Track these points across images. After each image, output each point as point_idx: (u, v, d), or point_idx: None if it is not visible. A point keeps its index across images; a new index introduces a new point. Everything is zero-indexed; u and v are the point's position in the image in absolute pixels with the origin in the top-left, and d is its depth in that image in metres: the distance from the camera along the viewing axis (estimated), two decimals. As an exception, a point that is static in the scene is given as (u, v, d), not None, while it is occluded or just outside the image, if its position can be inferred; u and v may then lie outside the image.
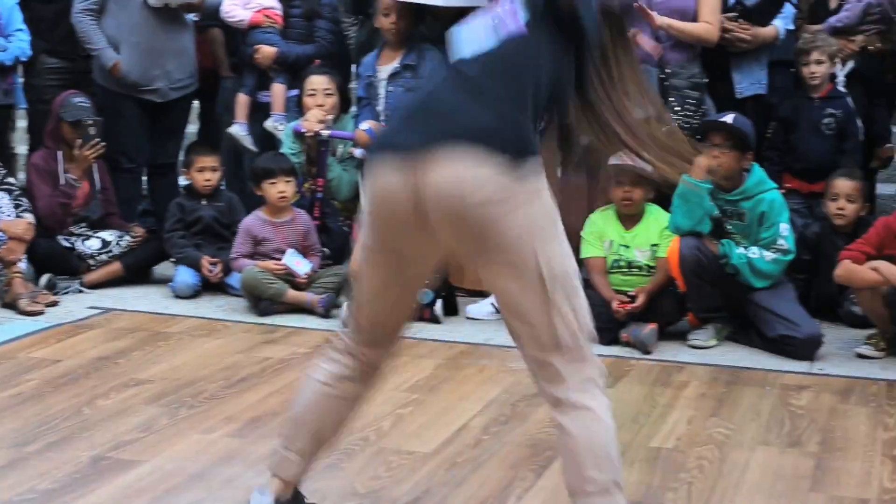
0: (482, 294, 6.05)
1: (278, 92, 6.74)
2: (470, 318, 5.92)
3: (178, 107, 6.91)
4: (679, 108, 5.84)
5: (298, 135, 6.46)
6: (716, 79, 6.12)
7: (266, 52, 6.70)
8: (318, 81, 6.53)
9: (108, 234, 6.53)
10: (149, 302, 6.21)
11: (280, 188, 6.18)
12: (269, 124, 6.70)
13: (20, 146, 7.46)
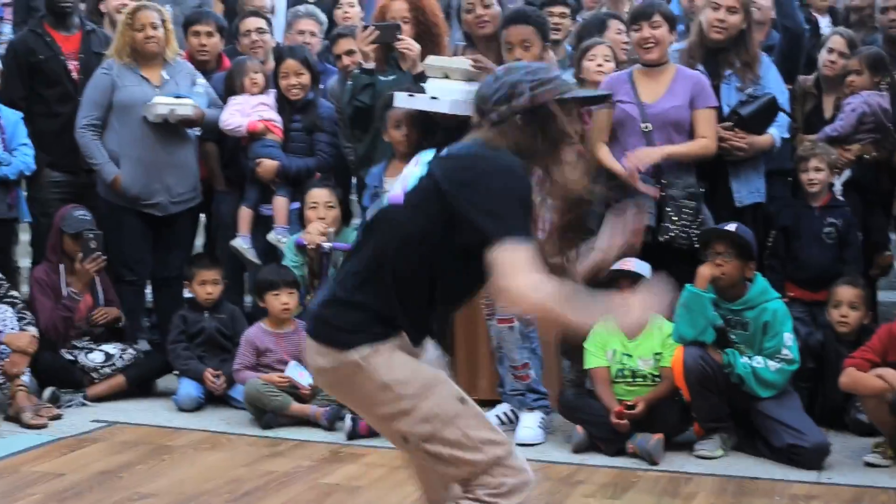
0: (491, 404, 6.03)
1: (280, 205, 6.78)
2: (475, 430, 5.87)
3: (180, 220, 6.94)
4: (676, 218, 5.80)
5: (301, 247, 6.49)
6: (713, 188, 6.09)
7: (268, 165, 6.75)
8: (320, 195, 6.57)
9: (111, 348, 6.53)
10: (152, 415, 6.20)
11: (283, 300, 6.20)
12: (271, 237, 6.73)
13: (23, 260, 7.48)
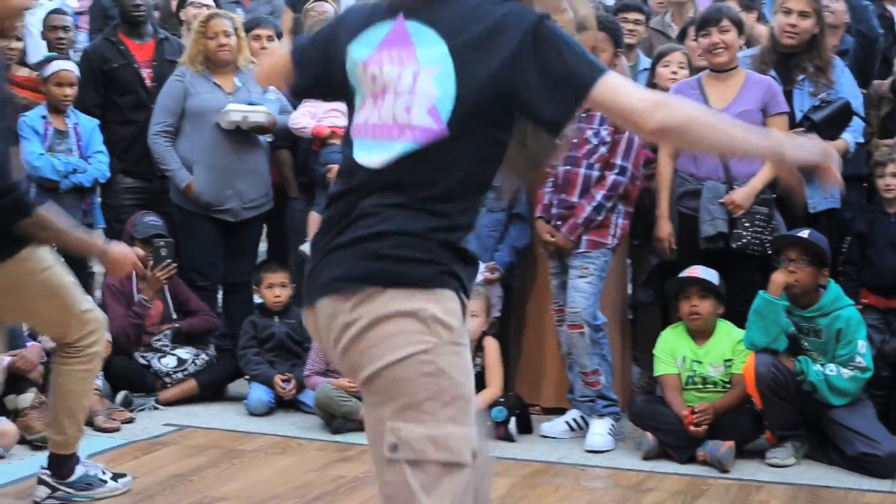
0: (556, 412, 6.03)
1: (314, 220, 6.79)
2: (544, 437, 5.86)
3: (251, 226, 6.98)
4: (748, 225, 5.72)
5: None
6: (786, 194, 6.00)
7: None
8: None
9: (183, 353, 6.59)
10: (223, 419, 6.24)
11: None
12: (305, 248, 6.76)
13: (98, 266, 7.56)
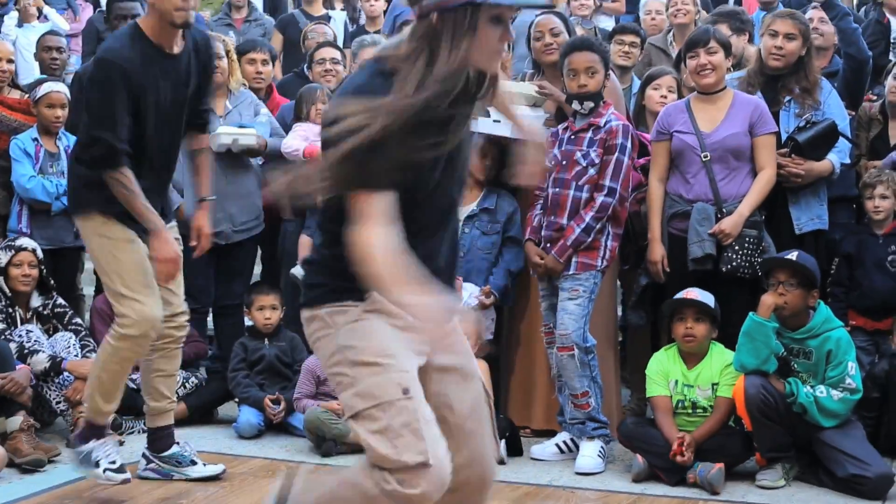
0: (547, 434, 6.02)
1: (304, 242, 6.80)
2: (534, 459, 5.84)
3: (242, 248, 6.98)
4: (738, 248, 5.72)
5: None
6: (773, 215, 6.01)
7: (328, 194, 6.77)
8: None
9: (173, 376, 6.57)
10: (213, 442, 6.22)
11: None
12: (295, 271, 6.77)
13: (88, 288, 7.58)
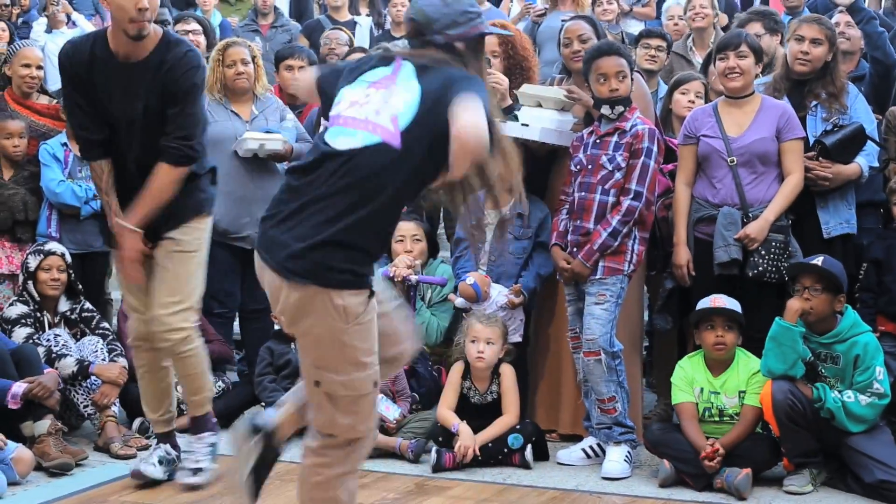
0: (573, 439, 6.01)
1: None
2: (560, 464, 5.83)
3: (269, 253, 6.97)
4: (765, 253, 5.69)
5: (387, 280, 6.51)
6: (801, 219, 5.96)
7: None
8: (407, 227, 6.60)
9: (200, 379, 6.59)
10: (239, 446, 6.23)
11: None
12: None
13: (115, 292, 7.59)
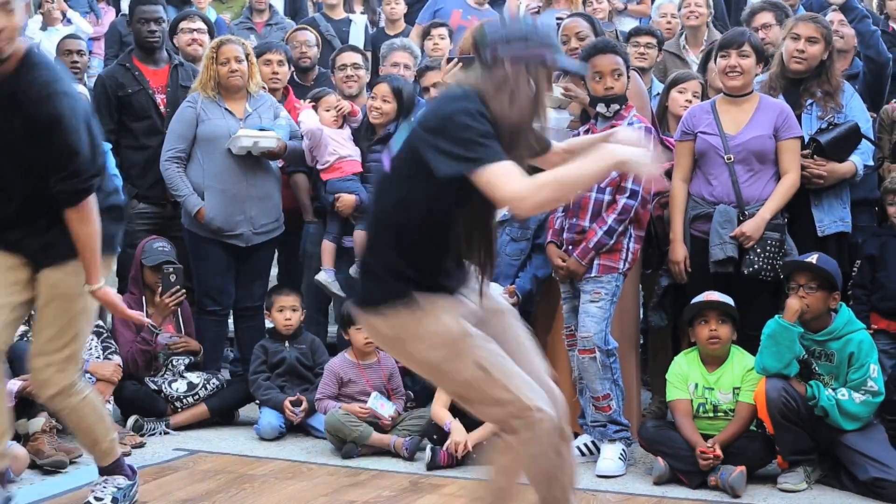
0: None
1: (328, 248, 6.88)
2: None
3: (262, 251, 6.98)
4: (760, 251, 5.71)
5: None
6: (795, 217, 5.98)
7: (347, 200, 6.80)
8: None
9: (194, 377, 6.59)
10: (234, 444, 6.24)
11: (366, 335, 6.21)
12: (321, 277, 6.84)
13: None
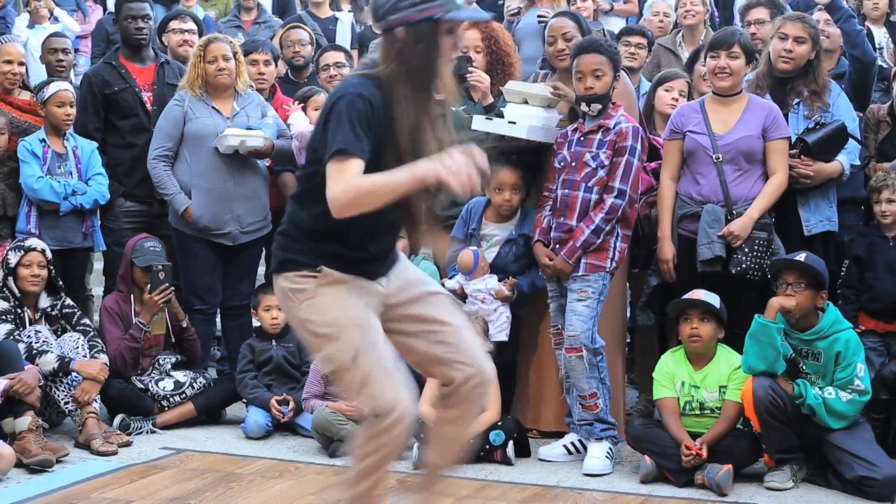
0: (555, 435, 6.02)
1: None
2: (542, 460, 5.83)
3: (250, 249, 6.97)
4: (748, 250, 5.71)
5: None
6: (782, 217, 5.99)
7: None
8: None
9: (181, 376, 6.57)
10: (221, 443, 6.23)
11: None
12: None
13: (96, 288, 7.58)
